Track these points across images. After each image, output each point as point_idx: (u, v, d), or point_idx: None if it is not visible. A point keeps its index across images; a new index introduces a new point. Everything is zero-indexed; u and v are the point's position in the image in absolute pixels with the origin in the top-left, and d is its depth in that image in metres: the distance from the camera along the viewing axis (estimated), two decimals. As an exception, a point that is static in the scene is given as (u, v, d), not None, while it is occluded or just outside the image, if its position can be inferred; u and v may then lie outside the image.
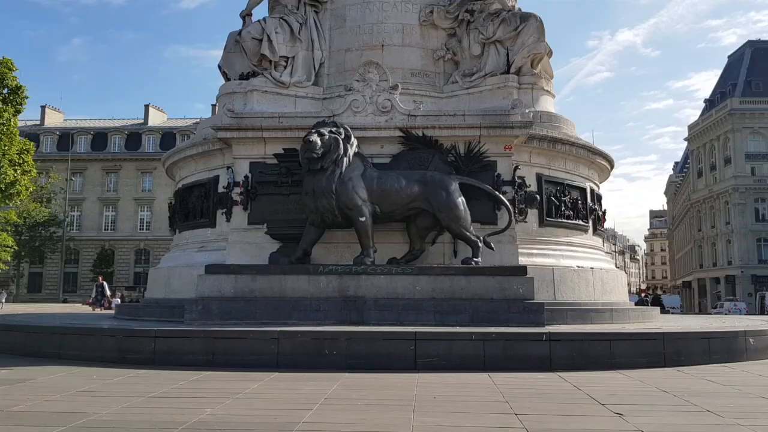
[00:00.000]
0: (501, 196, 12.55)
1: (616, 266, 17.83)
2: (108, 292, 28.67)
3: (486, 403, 6.59)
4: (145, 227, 64.36)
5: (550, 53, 15.00)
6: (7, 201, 31.56)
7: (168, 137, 64.15)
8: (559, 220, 13.93)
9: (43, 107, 70.39)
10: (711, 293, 64.22)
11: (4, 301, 28.11)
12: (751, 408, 6.43)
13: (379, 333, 9.76)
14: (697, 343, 10.10)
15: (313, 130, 11.77)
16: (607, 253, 18.01)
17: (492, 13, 14.75)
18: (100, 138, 66.41)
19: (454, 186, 12.04)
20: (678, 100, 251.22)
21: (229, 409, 6.30)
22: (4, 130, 29.65)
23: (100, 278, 32.73)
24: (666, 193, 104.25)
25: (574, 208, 14.30)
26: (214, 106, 56.21)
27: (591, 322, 12.22)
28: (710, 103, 68.57)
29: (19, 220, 46.41)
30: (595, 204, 15.23)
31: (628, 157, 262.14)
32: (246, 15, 15.63)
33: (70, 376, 8.45)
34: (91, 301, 28.37)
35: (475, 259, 11.93)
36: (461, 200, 11.97)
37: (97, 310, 25.65)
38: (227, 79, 15.08)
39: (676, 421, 5.83)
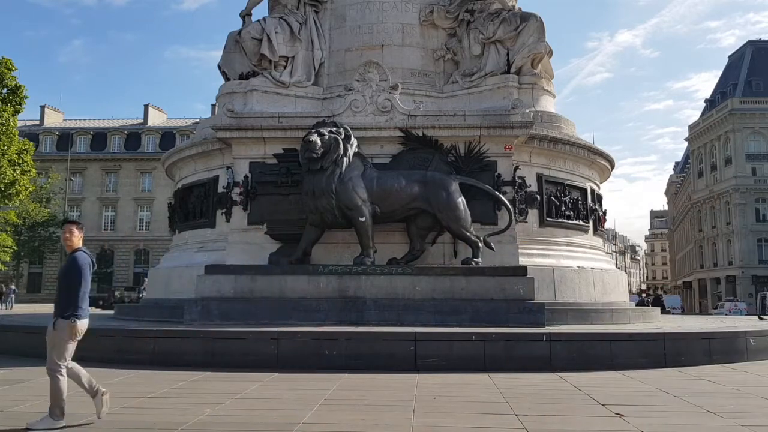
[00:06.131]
0: (501, 196, 12.52)
1: (616, 266, 17.81)
2: None
3: (486, 404, 6.58)
4: (144, 227, 64.19)
5: (550, 53, 14.97)
6: (6, 201, 31.37)
7: (168, 137, 63.95)
8: (560, 220, 13.90)
9: (42, 107, 70.17)
10: (712, 293, 64.08)
11: (13, 298, 26.34)
12: (751, 408, 6.43)
13: (379, 333, 9.76)
14: (698, 344, 10.10)
15: (313, 130, 11.75)
16: (607, 253, 17.97)
17: (492, 13, 14.72)
18: (99, 138, 66.24)
19: (455, 186, 12.02)
20: (678, 100, 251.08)
21: (228, 409, 6.28)
22: (4, 130, 29.49)
23: None
24: (666, 193, 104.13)
25: (574, 208, 14.27)
26: (213, 106, 56.09)
27: (591, 323, 12.21)
28: (711, 103, 68.43)
29: (18, 221, 46.25)
30: (595, 204, 15.20)
31: (628, 158, 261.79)
32: (246, 15, 15.59)
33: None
34: None
35: (475, 259, 11.91)
36: (461, 200, 11.95)
37: None
38: (227, 79, 15.04)
39: (677, 421, 5.82)
